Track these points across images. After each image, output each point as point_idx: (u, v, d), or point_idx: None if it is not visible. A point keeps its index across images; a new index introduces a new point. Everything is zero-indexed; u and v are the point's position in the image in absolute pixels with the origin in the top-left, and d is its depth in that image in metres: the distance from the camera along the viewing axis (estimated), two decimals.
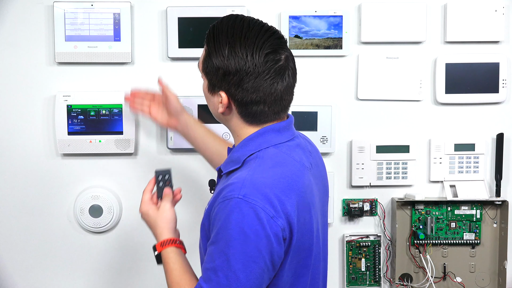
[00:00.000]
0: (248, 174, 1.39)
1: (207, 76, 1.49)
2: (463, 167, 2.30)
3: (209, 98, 1.53)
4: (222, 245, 1.35)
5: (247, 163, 1.45)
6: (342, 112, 2.29)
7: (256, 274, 1.35)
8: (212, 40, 1.46)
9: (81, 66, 2.24)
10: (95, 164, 2.27)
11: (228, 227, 1.34)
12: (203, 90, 1.54)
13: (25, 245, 2.29)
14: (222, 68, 1.43)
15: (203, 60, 1.49)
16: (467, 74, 2.27)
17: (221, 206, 1.37)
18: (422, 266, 2.30)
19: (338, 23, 2.21)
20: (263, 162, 1.43)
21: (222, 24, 1.46)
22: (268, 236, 1.34)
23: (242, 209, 1.34)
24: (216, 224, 1.38)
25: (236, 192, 1.35)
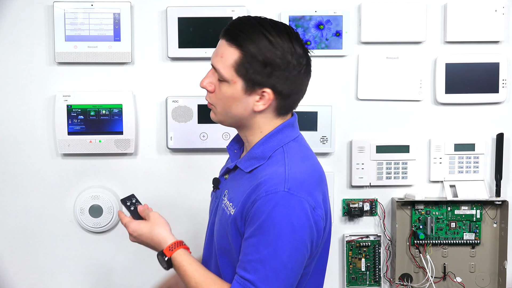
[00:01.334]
0: (286, 169, 1.43)
1: (245, 77, 1.43)
2: (463, 167, 2.30)
3: (239, 101, 1.46)
4: (269, 237, 1.38)
5: (273, 158, 1.47)
6: (342, 112, 2.29)
7: (300, 263, 1.42)
8: (247, 40, 1.42)
9: (81, 66, 2.24)
10: (95, 164, 2.27)
11: (275, 220, 1.38)
12: (223, 94, 1.46)
13: (25, 245, 2.29)
14: (270, 64, 1.42)
15: (237, 63, 1.43)
16: (467, 74, 2.27)
17: (264, 200, 1.39)
18: (422, 266, 2.30)
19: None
20: (292, 156, 1.47)
21: (246, 25, 1.45)
22: (311, 226, 1.41)
23: (289, 201, 1.38)
24: (258, 217, 1.39)
25: (281, 186, 1.39)
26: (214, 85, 1.47)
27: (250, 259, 1.40)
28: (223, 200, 1.53)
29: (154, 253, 1.84)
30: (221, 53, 1.45)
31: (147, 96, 2.26)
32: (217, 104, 1.49)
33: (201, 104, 2.23)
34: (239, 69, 1.43)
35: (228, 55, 1.44)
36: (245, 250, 1.41)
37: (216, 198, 1.59)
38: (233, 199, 1.48)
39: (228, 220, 1.47)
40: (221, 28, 2.26)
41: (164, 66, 2.26)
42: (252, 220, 1.40)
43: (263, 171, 1.46)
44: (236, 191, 1.49)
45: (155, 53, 2.25)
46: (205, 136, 2.24)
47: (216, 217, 1.56)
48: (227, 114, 1.49)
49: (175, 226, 2.30)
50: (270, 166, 1.46)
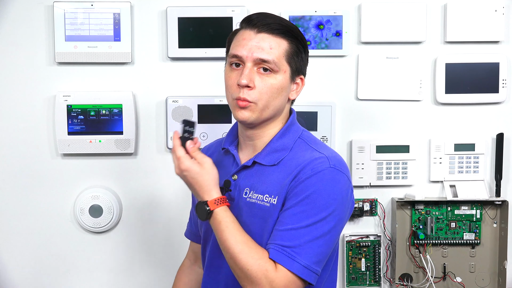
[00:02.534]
0: (322, 152, 1.51)
1: (292, 65, 1.53)
2: (463, 167, 2.30)
3: (285, 90, 1.54)
4: (314, 208, 1.44)
5: (295, 149, 1.55)
6: (342, 112, 2.29)
7: (336, 237, 1.49)
8: (296, 35, 1.54)
9: (81, 66, 2.24)
10: (95, 164, 2.27)
11: (322, 192, 1.44)
12: (272, 85, 1.51)
13: (25, 245, 2.29)
14: (306, 51, 1.58)
15: (287, 52, 1.52)
16: (467, 74, 2.27)
17: (311, 177, 1.45)
18: (422, 266, 2.30)
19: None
20: (316, 143, 1.56)
21: (277, 17, 1.55)
22: (350, 204, 1.54)
23: (336, 176, 1.47)
24: (304, 191, 1.45)
25: (326, 164, 1.47)
26: (254, 81, 1.50)
27: (290, 228, 1.44)
28: (249, 196, 1.53)
29: (154, 253, 1.85)
30: (269, 46, 1.50)
31: (147, 96, 2.26)
32: (260, 99, 1.50)
33: (201, 104, 2.23)
34: (289, 57, 1.52)
35: (277, 46, 1.51)
36: (285, 220, 1.45)
37: (229, 200, 1.56)
38: (268, 191, 1.50)
39: (270, 210, 1.49)
40: (221, 28, 2.27)
41: (164, 66, 2.26)
42: (297, 194, 1.45)
43: (292, 160, 1.52)
44: (266, 184, 1.52)
45: (155, 53, 2.25)
46: (205, 136, 2.24)
47: (239, 217, 1.53)
48: (269, 108, 1.53)
49: (175, 226, 2.32)
50: (298, 154, 1.53)
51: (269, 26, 1.51)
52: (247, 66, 1.50)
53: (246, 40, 1.51)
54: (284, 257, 1.42)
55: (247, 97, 1.50)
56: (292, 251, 1.42)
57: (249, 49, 1.50)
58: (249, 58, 1.50)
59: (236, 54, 1.51)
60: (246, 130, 1.58)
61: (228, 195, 1.56)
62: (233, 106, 1.53)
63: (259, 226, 1.51)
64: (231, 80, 1.53)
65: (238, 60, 1.52)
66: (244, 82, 1.49)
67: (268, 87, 1.50)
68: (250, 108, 1.51)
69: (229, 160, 1.63)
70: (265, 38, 1.51)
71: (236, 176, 1.58)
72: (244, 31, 1.53)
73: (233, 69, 1.53)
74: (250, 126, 1.55)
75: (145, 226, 2.30)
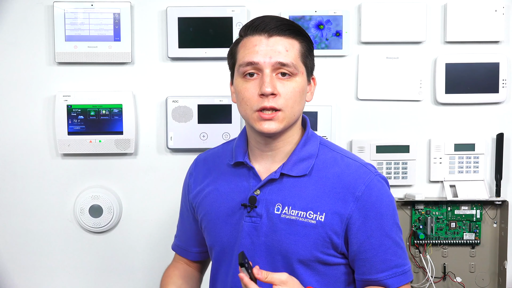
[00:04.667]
0: (353, 158, 1.51)
1: (307, 65, 1.48)
2: (463, 167, 2.30)
3: (304, 91, 1.48)
4: (389, 220, 1.49)
5: (321, 156, 1.51)
6: (342, 112, 2.29)
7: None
8: (304, 33, 1.49)
9: (81, 66, 2.24)
10: (95, 164, 2.27)
11: (383, 204, 1.49)
12: (294, 89, 1.43)
13: (25, 245, 2.29)
14: (313, 50, 1.52)
15: (301, 53, 1.46)
16: (467, 74, 2.27)
17: (367, 190, 1.46)
18: (422, 266, 2.30)
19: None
20: (340, 149, 1.55)
21: (282, 18, 1.49)
22: None
23: (382, 183, 1.50)
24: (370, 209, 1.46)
25: (370, 173, 1.48)
26: (277, 88, 1.42)
27: (385, 249, 1.47)
28: (284, 213, 1.45)
29: (154, 253, 1.85)
30: (284, 48, 1.42)
31: (147, 96, 2.26)
32: (286, 106, 1.42)
33: (201, 104, 2.23)
34: (304, 58, 1.47)
35: (291, 48, 1.44)
36: (373, 247, 1.46)
37: (254, 217, 1.47)
38: (311, 207, 1.44)
39: (317, 227, 1.43)
40: (221, 28, 2.27)
41: (164, 66, 2.26)
42: (365, 214, 1.45)
43: (325, 169, 1.48)
44: (304, 199, 1.45)
45: (155, 53, 2.25)
46: (205, 136, 2.24)
47: (273, 235, 1.46)
48: (295, 113, 1.45)
49: (175, 226, 2.31)
50: (328, 162, 1.50)
51: (279, 28, 1.42)
52: (266, 73, 1.40)
53: (258, 45, 1.41)
54: (400, 276, 1.49)
55: (274, 104, 1.40)
56: (398, 267, 1.48)
57: (265, 54, 1.40)
58: (267, 63, 1.40)
59: (251, 61, 1.41)
60: (265, 140, 1.47)
61: (254, 212, 1.47)
62: (254, 119, 1.42)
63: (301, 244, 1.44)
64: (249, 91, 1.42)
65: (253, 68, 1.41)
66: (269, 90, 1.38)
67: (292, 92, 1.42)
68: (278, 118, 1.41)
69: (242, 173, 1.53)
70: (278, 41, 1.41)
71: (259, 191, 1.48)
72: (251, 38, 1.43)
73: (248, 79, 1.42)
74: (274, 136, 1.46)
75: (145, 226, 2.30)
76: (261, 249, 1.47)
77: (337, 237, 1.45)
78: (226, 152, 1.60)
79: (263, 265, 1.46)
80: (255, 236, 1.47)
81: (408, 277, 1.50)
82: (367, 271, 1.47)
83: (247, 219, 1.48)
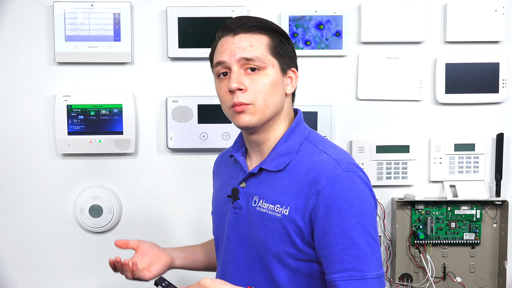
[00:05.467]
0: (329, 154, 1.46)
1: (279, 57, 1.49)
2: (463, 167, 2.30)
3: (279, 84, 1.49)
4: (351, 218, 1.39)
5: (302, 151, 1.50)
6: (342, 112, 2.29)
7: (377, 231, 1.45)
8: (274, 28, 1.50)
9: (81, 66, 2.24)
10: (95, 164, 2.27)
11: (348, 201, 1.40)
12: (264, 82, 1.46)
13: (25, 245, 2.29)
14: (290, 42, 1.53)
15: (270, 45, 1.48)
16: (467, 74, 2.27)
17: (329, 186, 1.40)
18: (422, 266, 2.30)
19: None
20: (323, 144, 1.51)
21: (248, 17, 1.52)
22: (374, 197, 1.50)
23: (353, 179, 1.43)
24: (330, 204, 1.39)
25: (338, 169, 1.42)
26: (244, 83, 1.45)
27: (342, 249, 1.38)
28: (259, 205, 1.49)
29: None
30: (249, 44, 1.46)
31: (147, 96, 2.26)
32: (257, 99, 1.45)
33: (201, 104, 2.23)
34: (273, 51, 1.48)
35: (258, 43, 1.47)
36: (331, 244, 1.39)
37: (237, 208, 1.53)
38: (279, 201, 1.46)
39: (282, 221, 1.44)
40: None
41: (164, 66, 2.26)
42: (325, 209, 1.40)
43: (300, 165, 1.47)
44: (276, 192, 1.47)
45: (155, 53, 2.25)
46: (205, 136, 2.24)
47: (250, 226, 1.50)
48: (268, 106, 1.47)
49: (175, 226, 2.32)
50: (306, 158, 1.48)
51: (245, 26, 1.48)
52: (234, 69, 1.45)
53: (225, 45, 1.47)
54: (357, 282, 1.37)
55: (242, 100, 1.44)
56: (357, 271, 1.37)
57: (230, 52, 1.46)
58: (233, 60, 1.45)
59: (219, 60, 1.47)
60: (250, 136, 1.53)
61: (236, 203, 1.53)
62: (231, 115, 1.48)
63: (270, 237, 1.46)
64: (222, 90, 1.48)
65: (224, 67, 1.47)
66: (235, 86, 1.44)
67: (261, 86, 1.45)
68: (249, 111, 1.46)
69: (237, 167, 1.59)
70: (242, 38, 1.47)
71: (245, 184, 1.53)
72: (222, 39, 1.50)
73: (222, 79, 1.49)
74: (253, 130, 1.51)
75: (145, 226, 2.30)
76: (242, 241, 1.52)
77: (301, 231, 1.45)
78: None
79: (243, 256, 1.51)
80: (237, 227, 1.53)
81: (368, 286, 1.37)
82: (325, 269, 1.42)
83: (232, 210, 1.54)
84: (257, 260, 1.49)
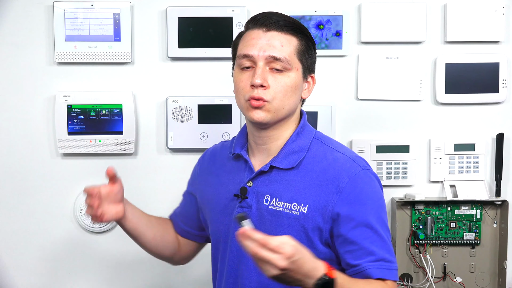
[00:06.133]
0: (343, 153, 1.51)
1: (304, 62, 1.51)
2: (463, 167, 2.30)
3: (298, 88, 1.51)
4: (376, 212, 1.46)
5: (312, 150, 1.53)
6: (342, 112, 2.29)
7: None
8: (304, 31, 1.52)
9: (81, 66, 2.24)
10: (95, 164, 2.27)
11: (370, 196, 1.47)
12: (286, 84, 1.48)
13: (25, 245, 2.29)
14: (315, 49, 1.57)
15: (298, 49, 1.50)
16: (467, 74, 2.27)
17: (351, 183, 1.45)
18: (422, 266, 2.30)
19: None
20: (332, 143, 1.56)
21: (283, 15, 1.53)
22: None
23: (370, 177, 1.49)
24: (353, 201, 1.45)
25: (357, 167, 1.48)
26: (267, 81, 1.47)
27: (370, 242, 1.45)
28: (272, 204, 1.49)
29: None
30: (280, 43, 1.47)
31: (147, 96, 2.26)
32: (274, 98, 1.46)
33: (201, 104, 2.23)
34: (300, 55, 1.50)
35: (288, 43, 1.48)
36: (358, 238, 1.44)
37: (245, 208, 1.53)
38: (296, 199, 1.47)
39: (300, 219, 1.46)
40: (221, 28, 2.27)
41: (164, 66, 2.26)
42: (349, 206, 1.44)
43: (314, 163, 1.50)
44: (289, 190, 1.49)
45: (155, 53, 2.25)
46: (205, 136, 2.24)
47: (261, 225, 1.48)
48: (284, 107, 1.49)
49: None
50: (319, 156, 1.51)
51: (278, 24, 1.48)
52: (259, 65, 1.46)
53: (255, 39, 1.47)
54: (386, 271, 1.45)
55: (262, 96, 1.45)
56: (385, 262, 1.45)
57: (260, 48, 1.46)
58: (261, 57, 1.46)
59: (247, 53, 1.47)
60: (259, 132, 1.53)
61: (245, 202, 1.52)
62: (246, 108, 1.48)
63: (294, 233, 1.45)
64: (243, 81, 1.48)
65: (249, 60, 1.48)
66: (258, 81, 1.44)
67: (282, 86, 1.47)
68: (265, 108, 1.46)
69: (240, 165, 1.58)
70: (275, 36, 1.47)
71: (252, 183, 1.53)
72: (252, 31, 1.49)
73: (244, 71, 1.49)
74: (264, 127, 1.51)
75: None
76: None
77: (320, 229, 1.47)
78: (230, 146, 1.66)
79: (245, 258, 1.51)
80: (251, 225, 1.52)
81: (394, 275, 1.46)
82: (352, 262, 1.46)
83: (239, 210, 1.54)
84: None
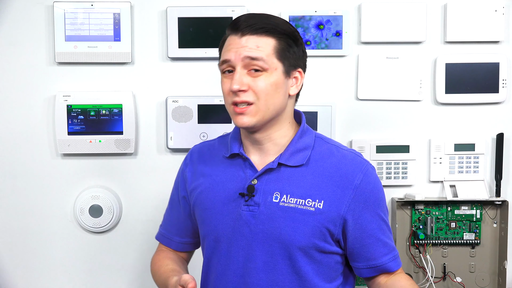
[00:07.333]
0: (348, 150, 1.58)
1: (285, 60, 1.51)
2: (463, 167, 2.30)
3: (281, 86, 1.51)
4: (383, 207, 1.56)
5: (317, 148, 1.57)
6: (342, 112, 2.29)
7: None
8: (282, 30, 1.51)
9: (81, 66, 2.24)
10: (95, 164, 2.27)
11: (379, 191, 1.56)
12: (266, 84, 1.48)
13: (25, 245, 2.29)
14: (300, 44, 1.56)
15: (277, 49, 1.49)
16: (467, 74, 2.27)
17: (366, 177, 1.52)
18: (422, 266, 2.30)
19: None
20: (332, 141, 1.62)
21: (260, 15, 1.54)
22: None
23: (374, 170, 1.58)
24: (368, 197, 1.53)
25: (366, 162, 1.56)
26: (247, 84, 1.48)
27: (383, 233, 1.55)
28: (283, 201, 1.51)
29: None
30: (256, 45, 1.48)
31: (147, 96, 2.26)
32: (258, 100, 1.48)
33: (201, 104, 2.23)
34: (280, 54, 1.50)
35: (264, 45, 1.49)
36: (375, 231, 1.54)
37: (252, 206, 1.53)
38: (309, 195, 1.51)
39: (316, 215, 1.49)
40: (221, 28, 2.27)
41: (164, 66, 2.26)
42: (365, 200, 1.52)
43: (322, 160, 1.54)
44: (300, 187, 1.52)
45: (155, 53, 2.25)
46: (205, 136, 2.24)
47: (271, 222, 1.50)
48: (269, 107, 1.50)
49: None
50: (325, 153, 1.55)
51: (252, 27, 1.49)
52: (237, 70, 1.48)
53: (232, 45, 1.50)
54: (397, 259, 1.58)
55: (245, 98, 1.47)
56: (394, 250, 1.58)
57: (236, 52, 1.48)
58: (238, 60, 1.48)
59: (225, 59, 1.50)
60: (252, 135, 1.55)
61: (251, 201, 1.52)
62: (231, 113, 1.51)
63: (299, 230, 1.49)
64: (226, 87, 1.51)
65: (229, 66, 1.50)
66: (236, 87, 1.47)
67: (262, 87, 1.48)
68: (249, 112, 1.48)
69: (237, 164, 1.58)
70: (250, 39, 1.49)
71: (256, 181, 1.53)
72: (230, 37, 1.52)
73: (226, 76, 1.52)
74: (253, 130, 1.53)
75: (145, 226, 2.30)
76: (259, 237, 1.52)
77: (334, 224, 1.51)
78: (222, 145, 1.65)
79: (261, 252, 1.52)
80: (253, 225, 1.52)
81: (400, 262, 1.59)
82: (371, 256, 1.55)
83: (245, 208, 1.53)
84: (279, 255, 1.51)
